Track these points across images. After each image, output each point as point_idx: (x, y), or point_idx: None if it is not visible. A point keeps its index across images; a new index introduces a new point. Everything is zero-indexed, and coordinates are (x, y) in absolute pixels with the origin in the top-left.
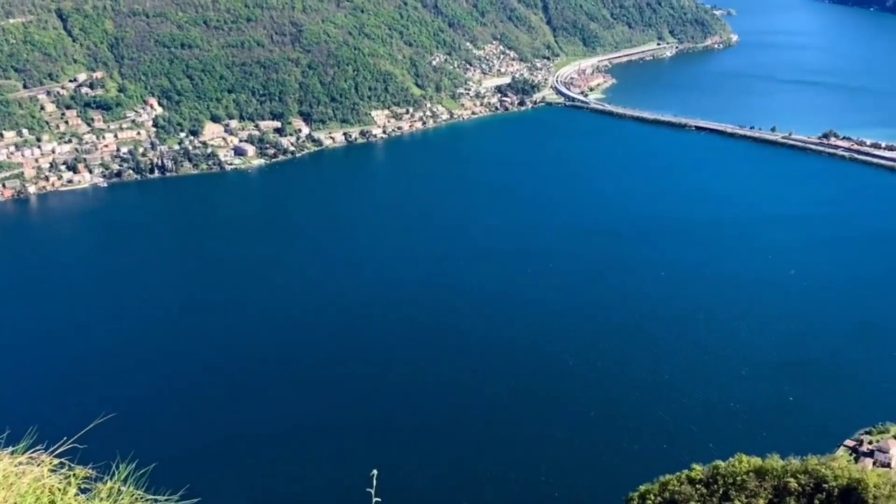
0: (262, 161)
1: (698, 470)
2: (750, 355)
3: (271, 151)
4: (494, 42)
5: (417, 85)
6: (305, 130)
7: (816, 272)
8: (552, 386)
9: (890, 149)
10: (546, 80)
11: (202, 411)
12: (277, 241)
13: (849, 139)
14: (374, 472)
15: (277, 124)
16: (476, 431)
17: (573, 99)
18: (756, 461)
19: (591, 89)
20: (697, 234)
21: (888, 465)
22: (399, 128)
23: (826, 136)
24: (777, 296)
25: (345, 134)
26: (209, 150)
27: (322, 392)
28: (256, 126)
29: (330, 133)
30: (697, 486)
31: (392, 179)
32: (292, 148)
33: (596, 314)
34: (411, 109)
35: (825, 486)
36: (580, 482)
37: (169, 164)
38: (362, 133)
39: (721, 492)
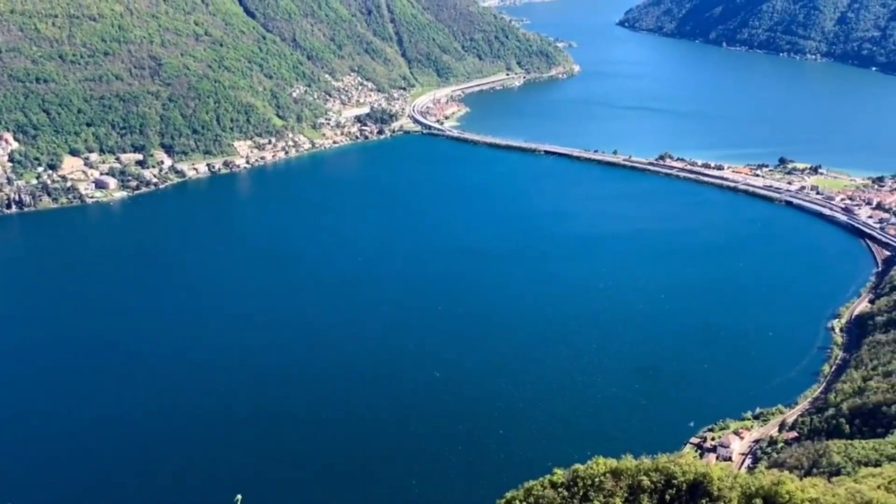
0: (124, 193)
1: (560, 474)
2: (604, 363)
3: (134, 184)
4: (352, 74)
5: (279, 116)
6: (168, 162)
7: (659, 282)
8: (421, 400)
9: (718, 168)
10: (403, 109)
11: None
12: (141, 276)
13: (682, 160)
14: (239, 497)
15: (139, 157)
16: (348, 447)
17: (430, 127)
18: (612, 462)
19: (447, 117)
20: (552, 250)
21: (730, 459)
22: (262, 157)
23: (662, 157)
24: (625, 305)
25: (208, 165)
26: (69, 184)
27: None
28: (118, 159)
29: (193, 164)
30: (559, 489)
31: (257, 209)
32: (155, 180)
33: (458, 331)
34: (273, 139)
35: (675, 481)
36: (452, 491)
37: (27, 198)
38: (225, 163)
39: (581, 493)
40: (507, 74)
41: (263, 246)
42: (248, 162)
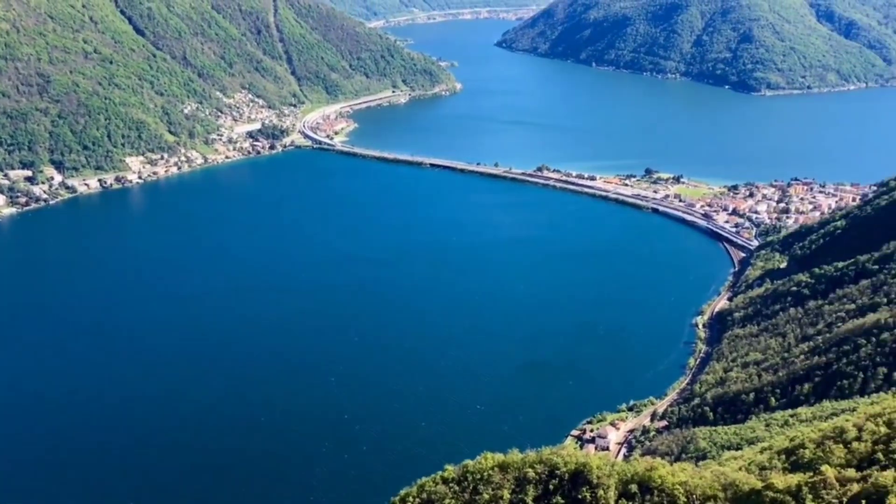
0: (13, 210)
1: (451, 470)
2: (492, 362)
3: (23, 200)
4: (243, 91)
5: (171, 132)
6: (58, 178)
7: (542, 285)
8: (318, 405)
9: (591, 178)
10: (294, 125)
11: None
12: (29, 291)
13: (558, 171)
14: None
15: (28, 173)
16: (246, 452)
17: (320, 142)
18: (499, 457)
19: (336, 133)
20: (441, 257)
21: (607, 449)
22: (155, 173)
23: (539, 169)
24: (510, 308)
25: (99, 180)
26: None
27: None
28: (6, 175)
29: (84, 180)
30: (451, 484)
31: (147, 223)
32: (45, 195)
33: (351, 337)
34: (166, 155)
35: (557, 472)
36: (348, 491)
37: None
38: (118, 179)
39: (471, 488)
40: (394, 92)
41: (153, 257)
42: (140, 177)
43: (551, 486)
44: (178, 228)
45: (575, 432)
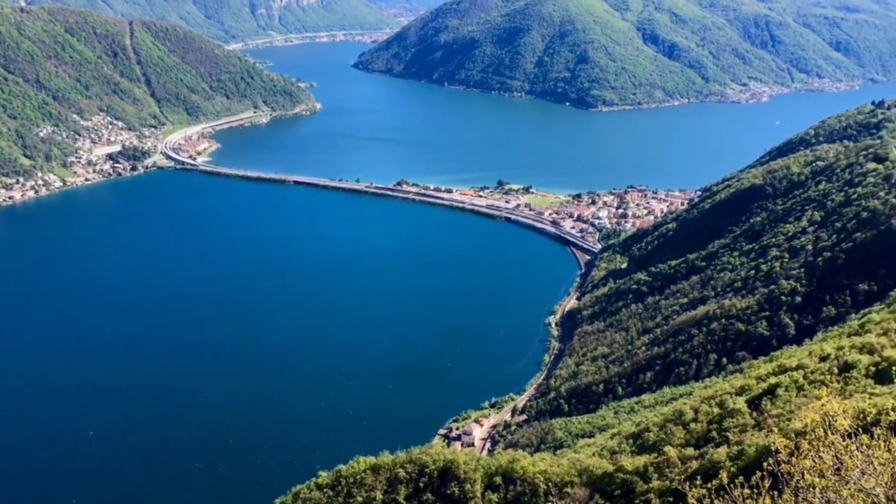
0: None
1: (324, 476)
2: (363, 368)
3: None
4: (101, 113)
5: (26, 156)
6: None
7: (408, 292)
8: (190, 419)
9: (448, 191)
10: (156, 146)
11: None
12: None
13: (416, 185)
14: None
15: None
16: (118, 469)
17: (183, 163)
18: (371, 459)
19: (199, 153)
20: (308, 270)
21: (472, 445)
22: (10, 197)
23: (399, 183)
24: (380, 315)
25: None
26: None
27: None
28: None
29: None
30: (325, 490)
31: (9, 248)
32: None
33: (224, 350)
34: (21, 179)
35: (427, 470)
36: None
37: None
38: None
39: (345, 492)
40: (255, 112)
41: (18, 281)
42: None
43: (421, 484)
44: (40, 253)
45: (442, 431)
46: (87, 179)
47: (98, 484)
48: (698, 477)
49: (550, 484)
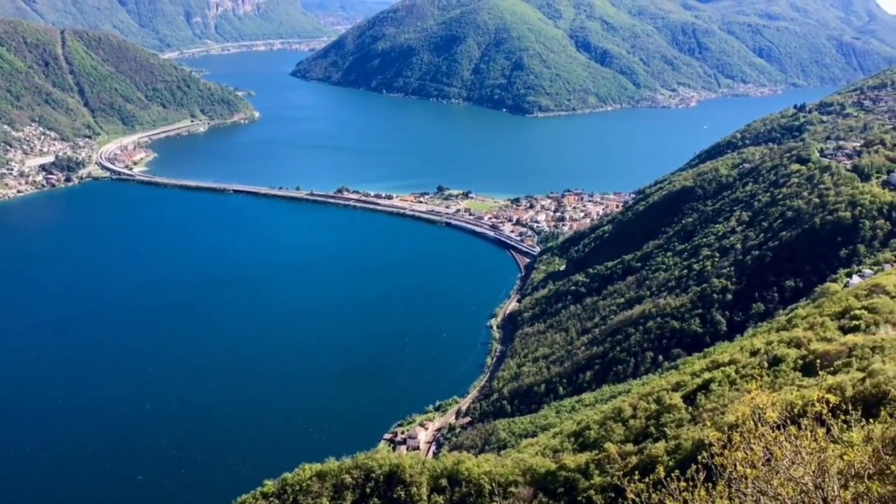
0: None
1: (270, 485)
2: (309, 375)
3: None
4: (33, 124)
5: None
6: None
7: (353, 298)
8: (131, 432)
9: (388, 197)
10: (91, 157)
11: None
12: None
13: (357, 192)
14: None
15: None
16: (56, 482)
17: (119, 173)
18: (317, 466)
19: (136, 163)
20: (253, 278)
21: (418, 448)
22: None
23: (340, 190)
24: (325, 321)
25: None
26: None
27: None
28: None
29: None
30: (270, 499)
31: None
32: None
33: (168, 361)
34: None
35: (373, 475)
36: None
37: None
38: None
39: (291, 500)
40: (192, 121)
41: None
42: None
43: (368, 489)
44: None
45: (387, 436)
46: (19, 191)
47: (33, 500)
48: (637, 472)
49: (495, 484)
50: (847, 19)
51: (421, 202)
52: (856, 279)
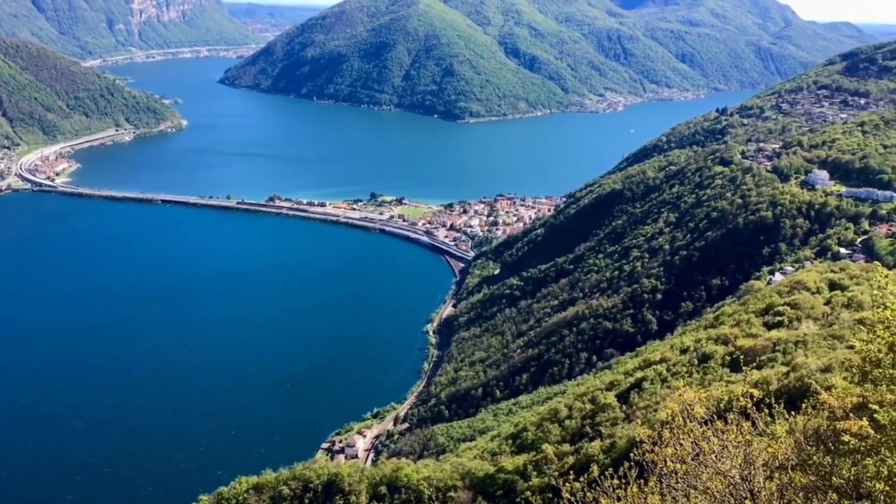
0: None
1: (205, 500)
2: (245, 385)
3: None
4: None
5: None
6: None
7: (290, 306)
8: (61, 451)
9: (321, 205)
10: (10, 168)
11: None
12: None
13: (290, 200)
14: None
15: None
16: None
17: (40, 184)
18: (253, 479)
19: (58, 174)
20: (186, 289)
21: (356, 457)
22: None
23: (272, 198)
24: (261, 331)
25: None
26: None
27: None
28: None
29: None
30: None
31: None
32: None
33: (100, 372)
34: None
35: (311, 485)
36: None
37: None
38: None
39: None
40: (117, 130)
41: None
42: None
43: (307, 500)
44: None
45: (325, 445)
46: None
47: None
48: (574, 472)
49: (434, 489)
50: (764, 25)
51: (354, 209)
52: (778, 276)
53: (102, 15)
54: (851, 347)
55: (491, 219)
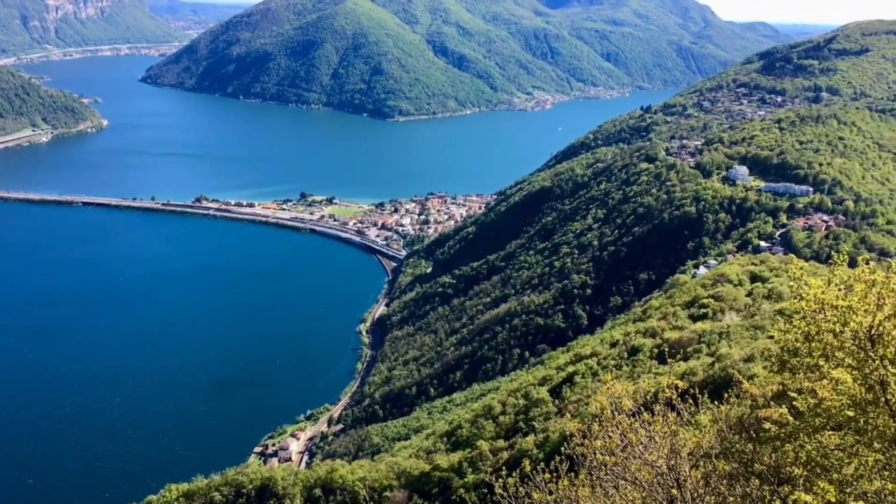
0: None
1: None
2: (174, 388)
3: None
4: None
5: None
6: None
7: (221, 308)
8: None
9: (250, 205)
10: None
11: None
12: None
13: (217, 201)
14: None
15: None
16: None
17: None
18: (184, 486)
19: None
20: (111, 294)
21: (290, 460)
22: None
23: (198, 199)
24: (191, 334)
25: None
26: None
27: None
28: None
29: None
30: None
31: None
32: None
33: (20, 380)
34: None
35: (244, 490)
36: None
37: None
38: None
39: None
40: (34, 131)
41: None
42: None
43: None
44: None
45: (258, 449)
46: None
47: None
48: (508, 467)
49: (370, 490)
50: (685, 25)
51: (284, 209)
52: (702, 270)
53: (16, 11)
54: (771, 338)
55: (422, 217)
